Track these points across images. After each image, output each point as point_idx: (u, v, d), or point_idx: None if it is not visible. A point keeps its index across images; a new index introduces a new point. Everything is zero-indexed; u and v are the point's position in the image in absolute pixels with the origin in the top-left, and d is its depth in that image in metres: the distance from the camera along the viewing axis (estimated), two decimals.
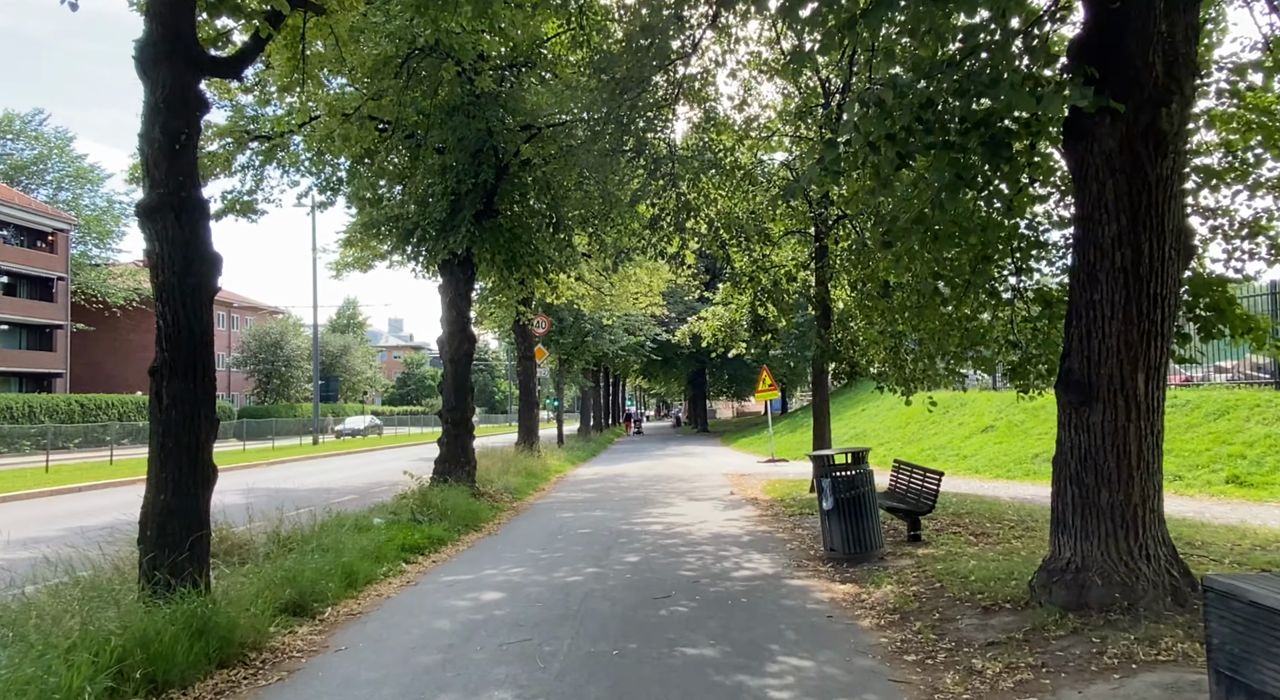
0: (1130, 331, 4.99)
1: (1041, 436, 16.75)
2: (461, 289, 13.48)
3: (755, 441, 32.60)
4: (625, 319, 30.71)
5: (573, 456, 24.87)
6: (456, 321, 13.44)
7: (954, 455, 18.20)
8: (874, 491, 7.98)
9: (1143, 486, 5.09)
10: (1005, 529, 9.01)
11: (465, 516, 10.92)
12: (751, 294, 14.29)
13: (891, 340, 12.81)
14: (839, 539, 7.86)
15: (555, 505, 13.72)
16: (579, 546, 9.19)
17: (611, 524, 11.07)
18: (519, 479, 16.65)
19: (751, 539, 9.50)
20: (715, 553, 8.60)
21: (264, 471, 23.33)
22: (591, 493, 15.67)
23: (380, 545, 8.44)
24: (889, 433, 23.25)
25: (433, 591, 6.97)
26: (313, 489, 17.53)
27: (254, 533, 8.12)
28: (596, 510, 12.78)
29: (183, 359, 5.53)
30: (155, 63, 5.47)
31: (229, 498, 15.98)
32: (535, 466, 19.00)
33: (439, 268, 13.50)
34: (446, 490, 11.78)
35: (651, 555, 8.52)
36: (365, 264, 21.31)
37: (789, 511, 11.70)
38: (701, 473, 19.87)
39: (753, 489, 15.58)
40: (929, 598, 6.08)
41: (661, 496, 14.61)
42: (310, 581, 6.31)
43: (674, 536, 9.83)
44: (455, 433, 13.40)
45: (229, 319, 63.82)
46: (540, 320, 24.36)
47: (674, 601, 6.42)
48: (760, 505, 12.91)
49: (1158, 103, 4.77)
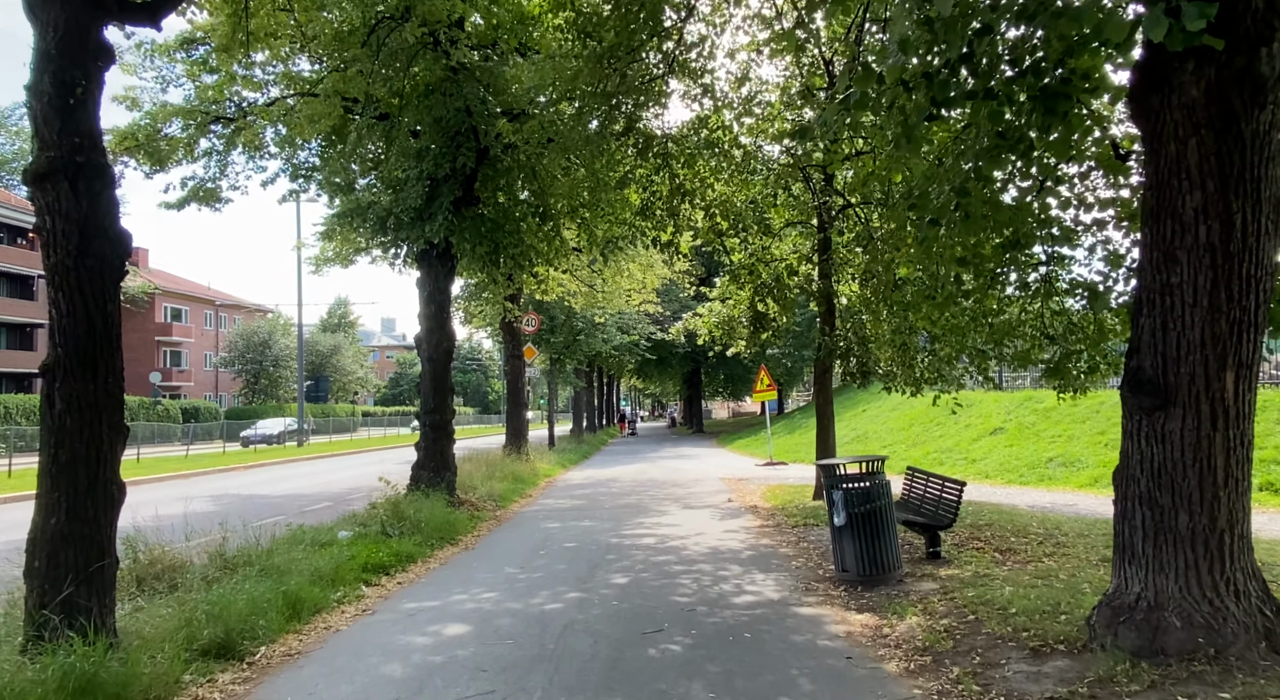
0: (1217, 321, 4.12)
1: (1055, 439, 15.92)
2: (441, 282, 12.57)
3: (752, 443, 31.74)
4: (619, 317, 29.81)
5: (564, 459, 23.97)
6: (435, 317, 12.54)
7: (962, 459, 17.36)
8: (892, 505, 7.11)
9: (1230, 508, 4.23)
10: (1033, 545, 8.14)
11: (441, 529, 10.02)
12: (751, 289, 13.42)
13: (901, 337, 11.98)
14: (852, 558, 6.99)
15: (541, 514, 12.82)
16: (562, 564, 8.30)
17: (600, 536, 10.19)
18: (504, 485, 15.75)
19: (753, 555, 8.62)
20: (713, 572, 7.72)
21: (241, 475, 22.38)
22: (581, 500, 14.78)
23: (339, 565, 7.54)
24: (892, 435, 22.40)
25: (389, 624, 6.07)
26: (287, 495, 16.62)
27: (194, 551, 7.21)
28: (585, 520, 11.89)
29: (80, 355, 4.63)
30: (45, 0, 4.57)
31: (196, 505, 15.07)
32: (523, 471, 18.11)
33: (416, 260, 12.59)
34: (422, 499, 10.89)
35: (642, 576, 7.63)
36: (346, 259, 20.39)
37: (792, 522, 10.82)
38: (697, 477, 19.00)
39: (752, 495, 14.71)
40: (964, 633, 5.20)
41: (655, 504, 13.73)
42: (243, 615, 5.41)
43: (668, 552, 8.94)
44: (434, 436, 12.50)
45: (215, 318, 62.77)
46: (530, 318, 23.47)
47: (667, 636, 5.54)
48: (761, 514, 12.04)
49: (1256, 41, 3.90)
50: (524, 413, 20.28)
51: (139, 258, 59.94)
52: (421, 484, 12.17)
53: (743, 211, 11.78)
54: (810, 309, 15.26)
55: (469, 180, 11.76)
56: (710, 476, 19.03)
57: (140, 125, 11.19)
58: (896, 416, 24.16)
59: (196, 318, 60.71)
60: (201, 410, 49.92)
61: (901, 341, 12.09)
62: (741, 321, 13.82)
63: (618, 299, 22.45)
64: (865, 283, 12.49)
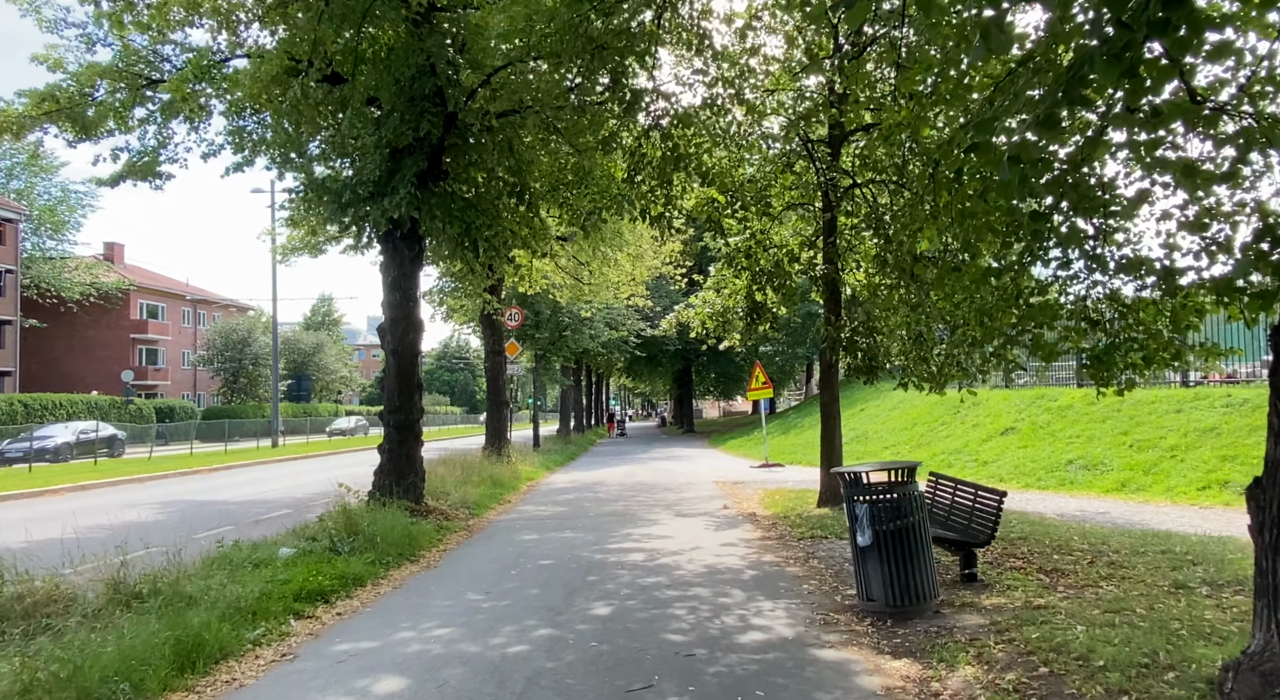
0: None
1: (1073, 440, 14.82)
2: (407, 267, 11.34)
3: (745, 443, 30.60)
4: (607, 312, 28.61)
5: (548, 461, 22.76)
6: (401, 305, 11.31)
7: (971, 460, 16.26)
8: (926, 522, 5.95)
9: None
10: (1082, 564, 7.01)
11: (400, 543, 8.80)
12: (749, 277, 12.26)
13: (916, 326, 10.85)
14: (879, 585, 5.83)
15: (518, 523, 11.61)
16: (535, 588, 7.10)
17: (581, 551, 8.99)
18: (481, 489, 14.53)
19: (757, 575, 7.45)
20: (712, 599, 6.54)
21: (205, 479, 21.06)
22: (564, 506, 13.58)
23: (265, 594, 6.32)
24: (893, 435, 21.29)
25: (309, 676, 4.85)
26: (245, 501, 15.34)
27: (87, 577, 5.97)
28: (566, 530, 10.69)
29: None
30: None
31: (140, 514, 13.75)
32: (503, 474, 16.88)
33: (380, 241, 11.36)
34: (380, 510, 9.67)
35: (628, 604, 6.44)
36: (315, 248, 19.14)
37: (797, 533, 9.66)
38: (689, 480, 17.82)
39: (749, 500, 13.56)
40: (1041, 696, 4.04)
41: (644, 511, 12.55)
42: (111, 671, 4.19)
43: (658, 571, 7.76)
44: (399, 438, 11.27)
45: (194, 315, 61.16)
46: (513, 312, 22.24)
47: (659, 693, 4.36)
48: (761, 523, 10.88)
49: None
50: (505, 412, 19.06)
51: (114, 253, 58.31)
52: (384, 491, 10.95)
53: (741, 187, 10.61)
54: (810, 299, 14.10)
55: (436, 151, 10.54)
56: (703, 480, 17.86)
57: (62, 87, 9.90)
58: (898, 416, 23.06)
59: (174, 315, 59.08)
60: (177, 410, 48.37)
61: (917, 332, 10.97)
62: (737, 312, 12.66)
63: (605, 292, 21.25)
64: (877, 265, 11.36)
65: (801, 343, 39.10)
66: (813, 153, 11.52)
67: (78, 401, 40.53)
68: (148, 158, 11.17)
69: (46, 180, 50.77)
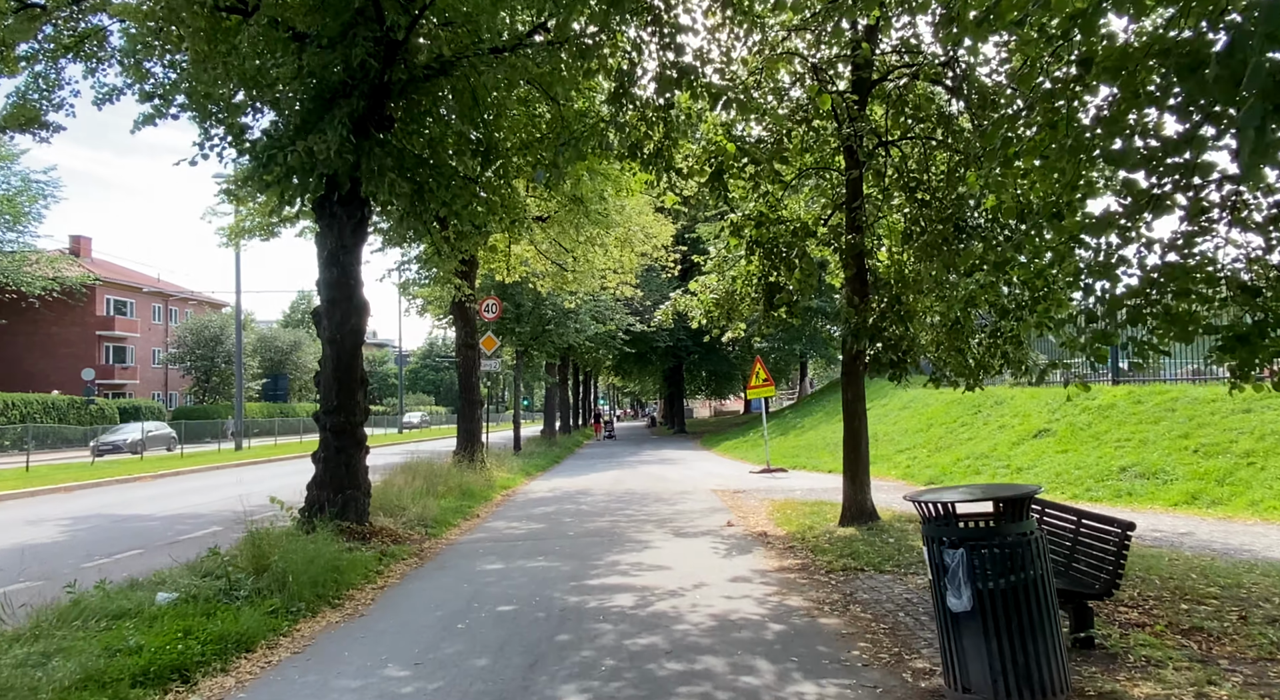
0: None
1: (1122, 444, 12.99)
2: (347, 239, 9.38)
3: (741, 445, 28.72)
4: (593, 304, 26.66)
5: (529, 466, 20.80)
6: (339, 283, 9.35)
7: (1002, 467, 14.43)
8: (1051, 577, 4.07)
9: None
10: (1229, 619, 5.15)
11: (319, 582, 6.85)
12: (761, 256, 10.35)
13: (954, 309, 9.01)
14: (982, 669, 3.94)
15: (482, 546, 9.67)
16: (483, 658, 5.16)
17: (554, 590, 7.07)
18: (446, 501, 12.59)
19: (785, 632, 5.54)
20: (731, 679, 4.63)
21: (144, 487, 18.98)
22: (540, 522, 11.64)
23: (91, 677, 4.37)
24: (907, 437, 19.42)
25: None
26: (174, 515, 13.33)
27: None
28: (538, 557, 8.76)
29: None
30: None
31: (43, 531, 11.69)
32: (474, 482, 14.94)
33: (315, 208, 9.40)
34: (304, 536, 7.71)
35: (612, 687, 4.52)
36: (267, 230, 17.14)
37: (825, 562, 7.78)
38: (685, 488, 15.92)
39: (756, 515, 11.67)
40: None
41: (634, 529, 10.64)
42: None
43: (653, 626, 5.83)
44: (337, 444, 9.31)
45: (165, 311, 58.80)
46: (491, 302, 20.28)
47: None
48: (775, 546, 9.00)
49: None
50: (478, 412, 17.08)
51: (81, 247, 55.84)
52: (317, 509, 9.01)
53: (758, 143, 8.72)
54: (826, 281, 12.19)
55: (377, 93, 8.57)
56: (700, 487, 15.96)
57: None
58: (909, 416, 21.22)
59: (144, 311, 56.70)
60: (143, 410, 46.01)
61: (954, 319, 9.12)
62: (750, 295, 10.74)
63: (590, 280, 19.30)
64: (904, 240, 9.49)
65: (799, 339, 37.29)
66: (835, 105, 9.65)
67: (33, 402, 38.27)
68: (30, 102, 9.17)
69: (5, 169, 48.36)
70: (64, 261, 49.85)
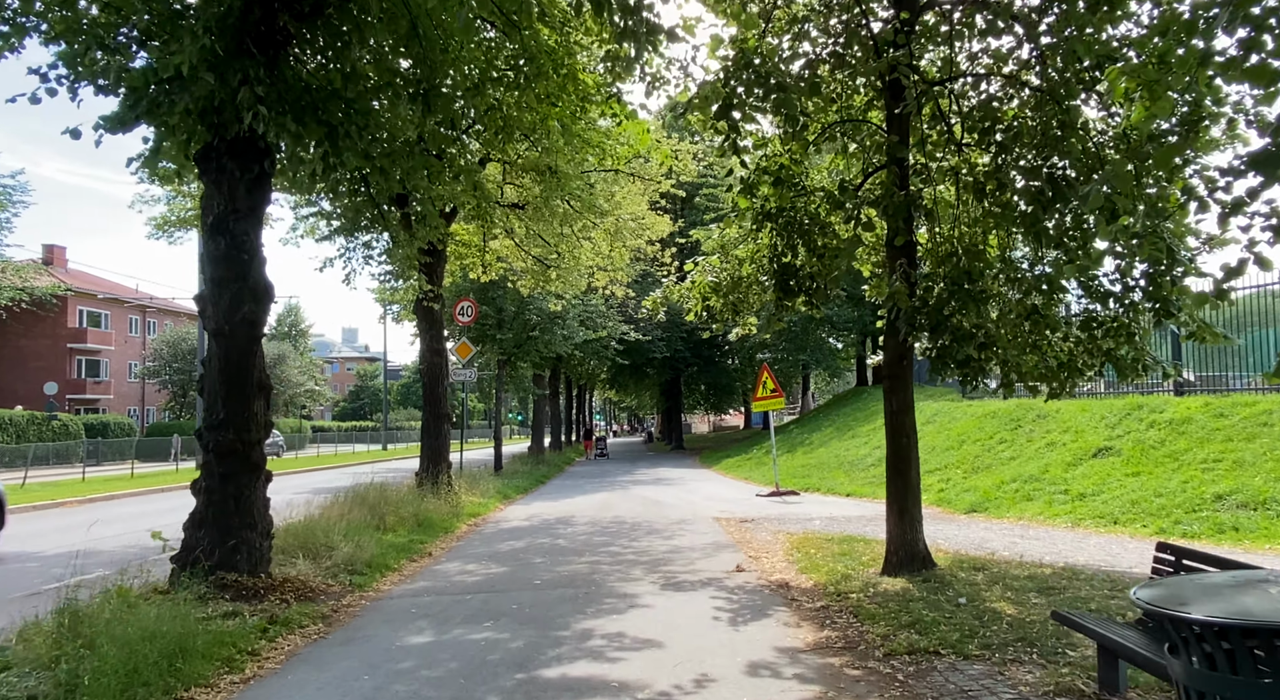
0: None
1: (1211, 466, 10.73)
2: (240, 199, 7.15)
3: (744, 463, 26.41)
4: (582, 308, 24.45)
5: (508, 487, 18.51)
6: (228, 258, 7.13)
7: (1056, 491, 12.17)
8: None
9: None
10: None
11: (142, 679, 4.59)
12: (772, 231, 8.17)
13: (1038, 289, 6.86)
14: None
15: (417, 604, 7.38)
16: None
17: (488, 694, 4.81)
18: (393, 537, 10.36)
19: None
20: None
21: (61, 515, 16.62)
22: (503, 563, 9.37)
23: None
24: (935, 456, 17.12)
25: None
26: (67, 552, 10.92)
27: None
28: (484, 623, 6.49)
29: None
30: None
31: None
32: (435, 511, 12.66)
33: (198, 161, 7.20)
34: (154, 601, 5.46)
35: None
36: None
37: (879, 635, 5.53)
38: (683, 516, 13.64)
39: (772, 554, 9.41)
40: None
41: (618, 576, 8.37)
42: None
43: None
44: (222, 471, 7.05)
45: (143, 324, 56.56)
46: (466, 305, 18.08)
47: None
48: (803, 607, 6.74)
49: None
50: (445, 427, 14.80)
51: (54, 256, 53.66)
52: (190, 559, 6.74)
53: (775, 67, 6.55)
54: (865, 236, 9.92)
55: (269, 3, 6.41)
56: (700, 515, 13.69)
57: None
58: (934, 431, 18.93)
59: (120, 323, 54.48)
60: (112, 426, 43.64)
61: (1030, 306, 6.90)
62: (759, 279, 8.54)
63: (576, 277, 17.09)
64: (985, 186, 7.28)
65: (803, 348, 35.05)
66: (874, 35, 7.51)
67: None
68: None
69: None
70: (32, 271, 47.65)
